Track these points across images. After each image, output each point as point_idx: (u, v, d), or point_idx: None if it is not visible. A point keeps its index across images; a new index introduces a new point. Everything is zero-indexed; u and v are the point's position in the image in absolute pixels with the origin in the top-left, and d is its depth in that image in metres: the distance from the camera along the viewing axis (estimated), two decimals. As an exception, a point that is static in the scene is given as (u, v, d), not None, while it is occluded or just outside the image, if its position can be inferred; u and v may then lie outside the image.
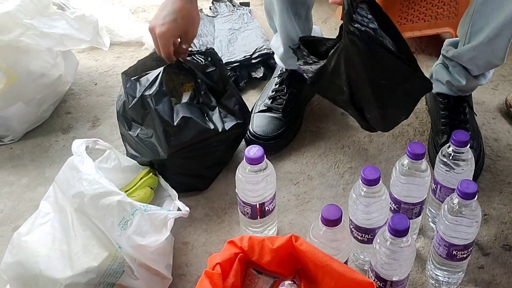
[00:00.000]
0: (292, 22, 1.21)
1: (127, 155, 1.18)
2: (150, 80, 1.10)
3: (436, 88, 1.27)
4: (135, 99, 1.10)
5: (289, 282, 0.85)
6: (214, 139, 1.13)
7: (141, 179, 1.13)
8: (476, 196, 0.87)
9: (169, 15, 1.08)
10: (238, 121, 1.16)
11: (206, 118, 1.13)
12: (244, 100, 1.21)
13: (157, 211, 0.95)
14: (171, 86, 1.20)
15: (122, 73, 1.15)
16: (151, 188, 1.13)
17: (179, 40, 1.13)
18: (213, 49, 1.23)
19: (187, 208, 1.01)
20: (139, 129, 1.13)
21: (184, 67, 1.16)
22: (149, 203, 1.02)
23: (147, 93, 1.09)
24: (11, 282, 0.94)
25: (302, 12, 1.22)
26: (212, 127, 1.12)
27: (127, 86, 1.12)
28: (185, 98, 1.17)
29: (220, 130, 1.12)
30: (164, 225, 0.96)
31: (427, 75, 1.33)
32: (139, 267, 0.91)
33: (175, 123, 1.08)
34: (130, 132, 1.14)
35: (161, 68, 1.12)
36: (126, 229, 0.90)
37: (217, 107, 1.14)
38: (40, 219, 0.96)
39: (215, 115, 1.13)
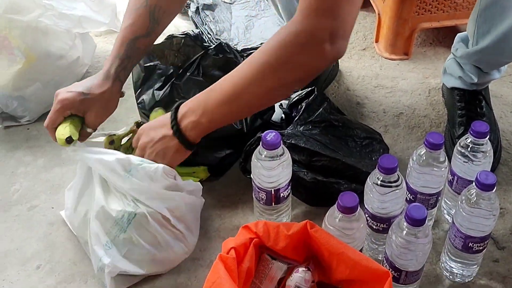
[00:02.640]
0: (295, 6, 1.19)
1: None
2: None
3: (450, 82, 1.26)
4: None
5: (303, 268, 0.85)
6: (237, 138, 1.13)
7: None
8: (495, 188, 0.86)
9: (82, 86, 0.99)
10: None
11: None
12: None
13: (148, 164, 0.94)
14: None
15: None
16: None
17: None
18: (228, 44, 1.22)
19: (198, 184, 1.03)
20: None
21: (227, 50, 1.18)
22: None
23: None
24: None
25: None
26: (239, 127, 1.12)
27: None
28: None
29: (245, 131, 1.12)
30: (159, 177, 0.93)
31: (442, 68, 1.32)
32: (150, 217, 0.94)
33: None
34: None
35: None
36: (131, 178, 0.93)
37: None
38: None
39: None
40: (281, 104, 1.24)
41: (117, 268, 0.94)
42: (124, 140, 1.10)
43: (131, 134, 1.11)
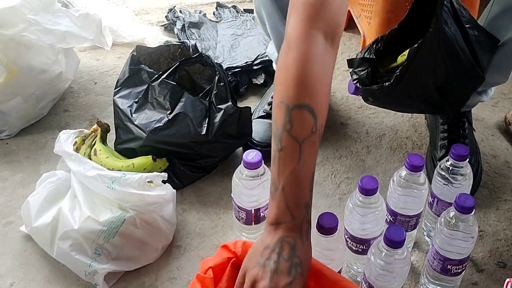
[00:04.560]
0: (284, 24, 1.20)
1: None
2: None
3: None
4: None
5: None
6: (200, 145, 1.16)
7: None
8: (473, 210, 0.87)
9: (295, 267, 0.73)
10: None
11: (205, 120, 1.13)
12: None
13: (132, 175, 1.00)
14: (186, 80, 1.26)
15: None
16: (154, 160, 1.14)
17: None
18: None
19: (165, 174, 1.04)
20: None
21: (208, 62, 1.22)
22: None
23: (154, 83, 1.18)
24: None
25: None
26: (203, 132, 1.13)
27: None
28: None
29: (209, 138, 1.13)
30: (144, 184, 1.00)
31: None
32: (138, 218, 0.99)
33: (170, 115, 1.13)
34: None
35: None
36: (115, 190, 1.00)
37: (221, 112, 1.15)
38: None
39: (217, 118, 1.14)
40: None
41: (111, 269, 0.99)
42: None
43: (93, 133, 1.18)
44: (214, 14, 1.74)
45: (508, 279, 0.77)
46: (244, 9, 1.76)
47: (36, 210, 1.03)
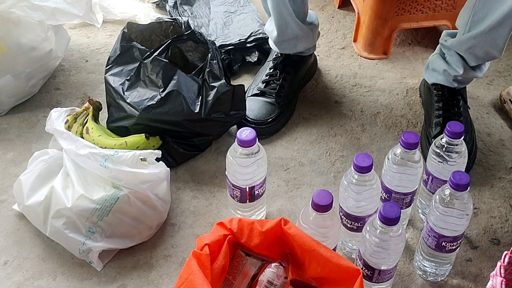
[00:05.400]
0: (286, 4, 1.19)
1: None
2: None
3: (432, 78, 1.27)
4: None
5: (276, 264, 0.85)
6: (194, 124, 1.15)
7: None
8: (468, 188, 0.86)
9: None
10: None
11: (198, 98, 1.12)
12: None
13: (125, 153, 0.99)
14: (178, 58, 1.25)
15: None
16: (147, 138, 1.13)
17: None
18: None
19: (159, 151, 1.04)
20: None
21: (200, 39, 1.20)
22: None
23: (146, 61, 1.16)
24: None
25: None
26: (197, 110, 1.11)
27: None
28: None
29: (202, 116, 1.12)
30: (137, 162, 1.00)
31: (422, 67, 1.32)
32: (132, 196, 0.99)
33: (163, 93, 1.11)
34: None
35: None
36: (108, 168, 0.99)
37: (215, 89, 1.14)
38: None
39: (211, 96, 1.12)
40: None
41: (105, 247, 0.99)
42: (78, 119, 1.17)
43: (84, 111, 1.17)
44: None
45: (506, 252, 0.77)
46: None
47: (28, 189, 1.02)
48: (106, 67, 1.20)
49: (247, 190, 1.00)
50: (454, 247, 0.92)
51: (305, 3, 1.25)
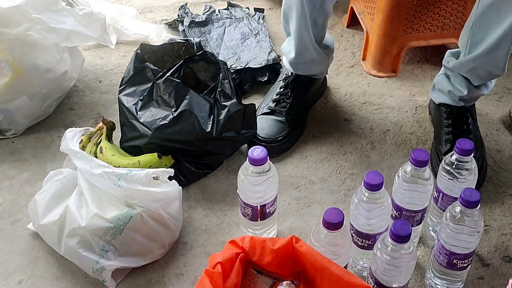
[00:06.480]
0: (308, 29, 1.21)
1: None
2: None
3: (439, 98, 1.28)
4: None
5: (288, 281, 0.85)
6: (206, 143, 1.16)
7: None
8: (479, 205, 0.87)
9: None
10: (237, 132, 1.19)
11: (210, 117, 1.14)
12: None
13: (138, 171, 1.01)
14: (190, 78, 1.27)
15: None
16: (159, 157, 1.15)
17: None
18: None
19: (171, 170, 1.05)
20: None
21: (212, 59, 1.23)
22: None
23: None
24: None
25: (319, 20, 1.23)
26: (208, 129, 1.13)
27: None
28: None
29: (214, 135, 1.14)
30: (150, 181, 1.01)
31: (431, 85, 1.34)
32: (144, 215, 1.00)
33: (175, 112, 1.13)
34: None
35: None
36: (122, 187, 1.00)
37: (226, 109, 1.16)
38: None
39: (222, 115, 1.14)
40: None
41: (118, 266, 1.00)
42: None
43: (98, 131, 1.19)
44: (220, 12, 1.73)
45: None
46: (254, 8, 1.75)
47: (43, 208, 1.04)
48: (119, 87, 1.22)
49: (258, 208, 1.01)
50: (465, 265, 0.92)
51: (325, 28, 1.28)
